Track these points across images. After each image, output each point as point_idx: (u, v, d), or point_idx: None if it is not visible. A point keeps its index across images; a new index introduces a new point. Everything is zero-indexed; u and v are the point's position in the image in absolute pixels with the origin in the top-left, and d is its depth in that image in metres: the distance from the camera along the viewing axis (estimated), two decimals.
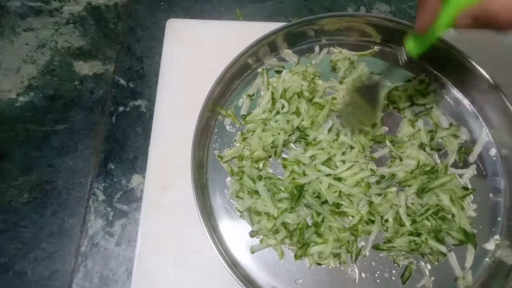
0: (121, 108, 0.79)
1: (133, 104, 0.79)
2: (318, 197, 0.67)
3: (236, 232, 0.67)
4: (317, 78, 0.76)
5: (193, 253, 0.66)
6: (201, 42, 0.79)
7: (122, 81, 0.81)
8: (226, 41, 0.75)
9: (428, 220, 0.66)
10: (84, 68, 0.82)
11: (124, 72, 0.81)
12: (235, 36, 0.74)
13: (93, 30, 0.85)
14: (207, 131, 0.72)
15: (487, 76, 0.69)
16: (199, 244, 0.66)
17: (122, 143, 0.76)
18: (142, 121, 0.77)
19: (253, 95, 0.75)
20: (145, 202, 0.69)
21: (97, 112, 0.79)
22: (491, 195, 0.69)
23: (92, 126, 0.78)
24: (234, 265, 0.62)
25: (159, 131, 0.73)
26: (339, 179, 0.68)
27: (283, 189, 0.68)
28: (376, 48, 0.78)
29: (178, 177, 0.69)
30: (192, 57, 0.78)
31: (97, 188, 0.73)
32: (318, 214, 0.66)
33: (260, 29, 0.72)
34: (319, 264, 0.65)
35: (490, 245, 0.66)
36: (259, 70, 0.77)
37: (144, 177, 0.71)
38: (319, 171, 0.68)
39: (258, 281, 0.64)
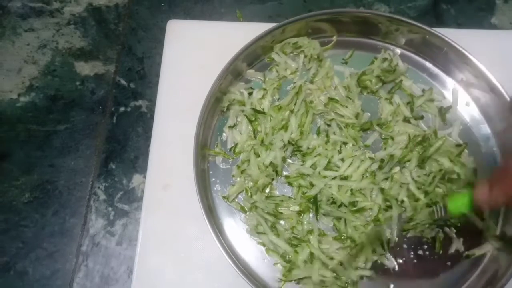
0: (122, 108, 0.79)
1: (134, 105, 0.79)
2: (334, 202, 0.67)
3: (264, 272, 0.66)
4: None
5: (194, 252, 0.66)
6: (201, 43, 0.79)
7: (123, 82, 0.81)
8: (227, 42, 0.75)
9: (438, 187, 0.67)
10: (85, 68, 0.83)
11: (125, 72, 0.82)
12: (236, 37, 0.74)
13: (94, 30, 0.86)
14: (203, 176, 0.70)
15: (437, 33, 0.71)
16: (200, 243, 0.66)
17: (123, 143, 0.76)
18: (143, 121, 0.78)
19: (234, 125, 0.73)
20: (146, 202, 0.69)
21: (98, 112, 0.79)
22: (481, 143, 0.72)
23: (93, 126, 0.78)
24: None
25: (160, 131, 0.73)
26: (346, 178, 0.68)
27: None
28: (335, 38, 0.78)
29: (179, 177, 0.69)
30: (193, 57, 0.78)
31: (98, 187, 0.74)
32: (338, 219, 0.66)
33: (260, 29, 0.72)
34: None
35: None
36: None
37: (145, 177, 0.72)
38: (324, 177, 0.68)
39: None
